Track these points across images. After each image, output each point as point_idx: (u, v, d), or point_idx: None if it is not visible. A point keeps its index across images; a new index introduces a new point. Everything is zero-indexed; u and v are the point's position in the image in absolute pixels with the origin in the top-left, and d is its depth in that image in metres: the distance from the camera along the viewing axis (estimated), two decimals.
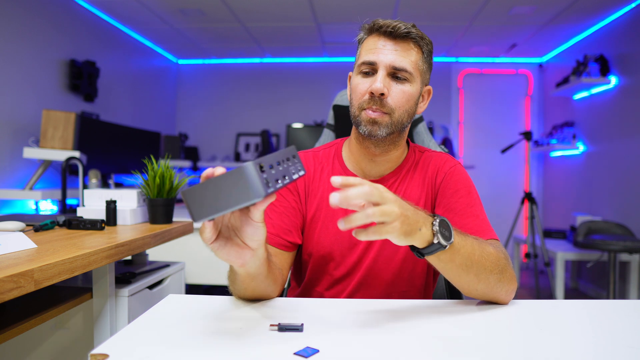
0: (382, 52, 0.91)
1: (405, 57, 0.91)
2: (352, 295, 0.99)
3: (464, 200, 0.96)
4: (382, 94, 0.90)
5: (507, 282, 0.81)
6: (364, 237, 0.65)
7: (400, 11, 3.50)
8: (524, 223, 4.69)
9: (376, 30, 0.93)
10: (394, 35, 0.91)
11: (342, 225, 0.63)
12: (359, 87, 0.94)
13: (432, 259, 0.74)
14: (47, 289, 1.19)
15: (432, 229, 0.71)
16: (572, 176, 4.17)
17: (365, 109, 0.93)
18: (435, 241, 0.71)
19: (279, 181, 0.62)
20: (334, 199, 0.61)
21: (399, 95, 0.92)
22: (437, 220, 0.72)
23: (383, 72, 0.91)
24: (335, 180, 0.63)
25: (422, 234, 0.70)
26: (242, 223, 0.67)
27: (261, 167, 0.59)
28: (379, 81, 0.90)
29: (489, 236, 0.91)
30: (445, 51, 4.66)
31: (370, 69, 0.93)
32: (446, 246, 0.72)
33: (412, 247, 0.73)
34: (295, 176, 0.67)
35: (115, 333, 0.65)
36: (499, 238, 0.93)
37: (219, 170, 0.62)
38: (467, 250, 0.76)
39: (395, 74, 0.92)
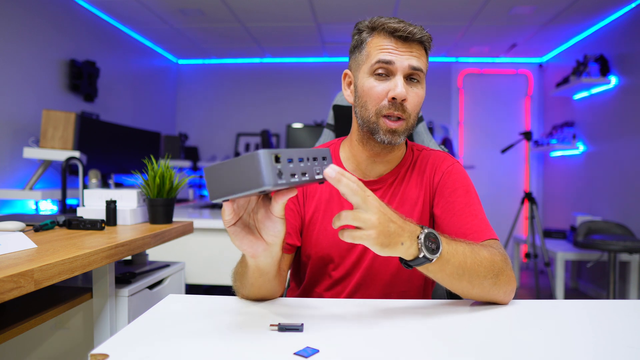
0: (398, 53, 0.89)
1: (419, 58, 0.91)
2: (351, 296, 0.99)
3: (462, 200, 0.95)
4: (404, 100, 0.89)
5: (504, 284, 0.80)
6: (342, 237, 0.67)
7: (400, 11, 3.50)
8: (524, 223, 4.70)
9: (388, 31, 0.90)
10: (409, 40, 0.89)
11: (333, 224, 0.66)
12: (374, 91, 0.91)
13: (421, 269, 0.74)
14: (47, 289, 1.19)
15: (417, 243, 0.70)
16: (572, 176, 4.17)
17: (385, 116, 0.90)
18: (421, 255, 0.70)
19: (296, 176, 0.61)
20: (331, 171, 0.63)
21: (414, 99, 0.91)
22: (423, 234, 0.71)
23: (401, 75, 0.89)
24: (333, 169, 0.64)
25: (405, 247, 0.69)
26: (263, 215, 0.69)
27: (277, 158, 0.59)
28: (401, 86, 0.88)
29: (488, 236, 0.90)
30: (445, 51, 4.66)
31: (386, 70, 0.90)
32: (432, 260, 0.71)
33: (400, 258, 0.73)
34: (318, 177, 0.66)
35: (115, 333, 0.65)
36: (498, 237, 0.92)
37: None
38: (458, 259, 0.75)
39: (410, 77, 0.91)
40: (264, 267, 0.75)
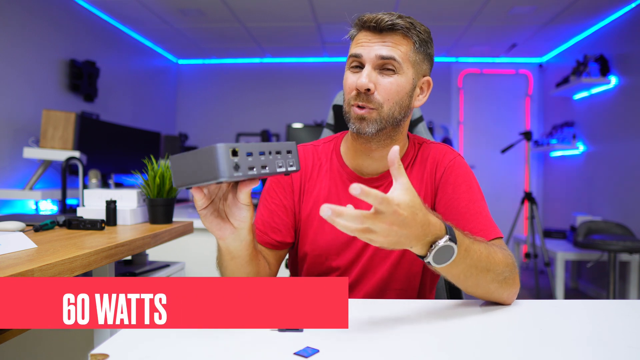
0: (368, 45, 0.90)
1: (393, 47, 0.89)
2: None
3: (466, 196, 0.94)
4: (368, 90, 0.88)
5: (509, 286, 0.80)
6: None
7: (400, 11, 3.48)
8: (524, 223, 4.69)
9: (362, 25, 0.92)
10: (378, 29, 0.89)
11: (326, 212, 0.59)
12: (347, 82, 0.93)
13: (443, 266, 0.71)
14: None
15: (428, 249, 0.69)
16: (572, 176, 4.17)
17: (352, 105, 0.91)
18: (426, 261, 0.69)
19: (254, 169, 0.64)
20: (326, 212, 0.59)
21: (387, 87, 0.89)
22: (440, 242, 0.68)
23: (369, 66, 0.89)
24: (355, 189, 0.57)
25: (416, 250, 0.68)
26: (231, 201, 0.73)
27: (234, 151, 0.61)
28: (364, 76, 0.88)
29: (493, 235, 0.89)
30: (445, 51, 4.66)
31: (358, 63, 0.91)
32: (436, 267, 0.70)
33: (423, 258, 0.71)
34: (280, 170, 0.68)
35: (115, 333, 0.65)
36: (502, 235, 0.91)
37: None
38: (471, 261, 0.74)
39: (383, 66, 0.89)
40: (233, 250, 0.79)
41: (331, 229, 0.97)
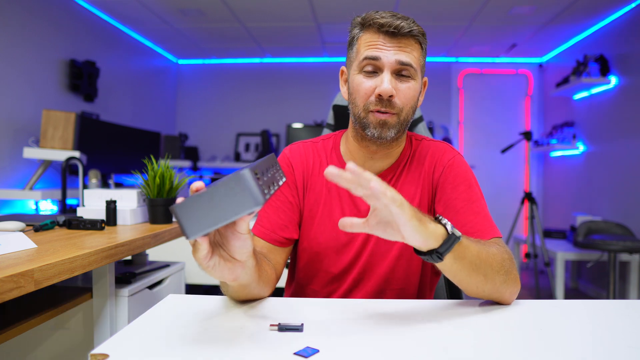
0: (385, 49, 0.88)
1: (410, 53, 0.89)
2: (347, 292, 0.99)
3: (465, 196, 0.93)
4: (391, 96, 0.88)
5: (512, 283, 0.80)
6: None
7: (400, 11, 3.49)
8: (524, 223, 4.70)
9: (376, 27, 0.89)
10: (397, 35, 0.88)
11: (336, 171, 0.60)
12: (362, 87, 0.90)
13: (447, 259, 0.70)
14: (47, 289, 1.19)
15: (442, 222, 0.69)
16: (572, 176, 4.17)
17: (372, 111, 0.90)
18: (450, 231, 0.68)
19: (271, 188, 0.62)
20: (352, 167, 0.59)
21: (405, 93, 0.89)
22: (444, 219, 0.70)
23: (389, 71, 0.88)
24: (331, 171, 0.60)
25: (432, 227, 0.67)
26: (229, 237, 0.65)
27: (256, 174, 0.57)
28: (387, 82, 0.87)
29: (492, 234, 0.89)
30: (445, 51, 4.66)
31: (374, 67, 0.89)
32: (460, 237, 0.69)
33: (427, 253, 0.69)
34: (280, 182, 0.68)
35: (115, 333, 0.65)
36: (502, 235, 0.91)
37: (199, 184, 0.61)
38: (476, 248, 0.74)
39: (400, 72, 0.89)
40: (244, 282, 0.74)
41: (332, 228, 0.97)
